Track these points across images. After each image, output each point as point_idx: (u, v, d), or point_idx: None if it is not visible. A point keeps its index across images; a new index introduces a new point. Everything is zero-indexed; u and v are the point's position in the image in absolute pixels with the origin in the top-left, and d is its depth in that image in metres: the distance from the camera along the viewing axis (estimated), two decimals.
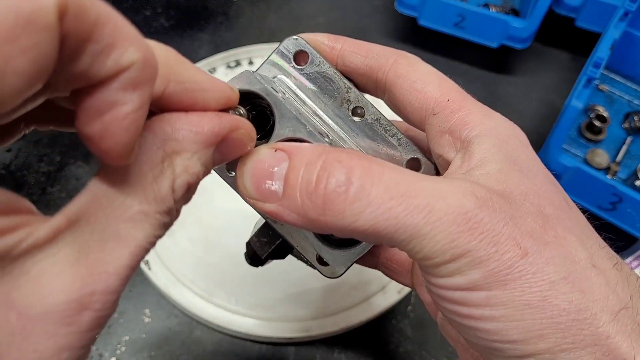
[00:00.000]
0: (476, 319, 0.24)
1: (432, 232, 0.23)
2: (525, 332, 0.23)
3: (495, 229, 0.23)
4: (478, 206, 0.23)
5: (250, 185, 0.26)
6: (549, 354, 0.23)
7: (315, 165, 0.24)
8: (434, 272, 0.24)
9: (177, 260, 0.58)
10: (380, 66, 0.31)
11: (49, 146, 0.67)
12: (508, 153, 0.27)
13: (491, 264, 0.23)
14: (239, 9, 0.84)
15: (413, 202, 0.23)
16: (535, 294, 0.23)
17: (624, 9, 0.66)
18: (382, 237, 0.24)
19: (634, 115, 0.70)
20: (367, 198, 0.23)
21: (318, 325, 0.55)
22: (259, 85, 0.28)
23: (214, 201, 0.62)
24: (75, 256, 0.19)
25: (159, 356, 0.54)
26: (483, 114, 0.29)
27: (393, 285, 0.57)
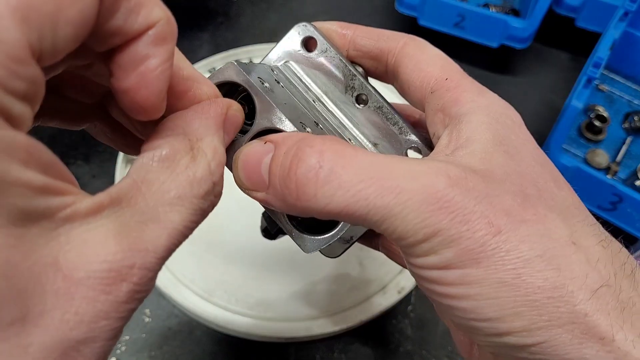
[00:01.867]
0: (452, 297, 0.24)
1: (403, 212, 0.23)
2: (500, 310, 0.23)
3: (467, 207, 0.23)
4: (449, 185, 0.23)
5: (242, 176, 0.28)
6: (525, 332, 0.23)
7: (290, 152, 0.25)
8: (410, 251, 0.25)
9: (177, 260, 0.58)
10: (390, 49, 0.31)
11: (49, 146, 0.66)
12: (497, 132, 0.27)
13: (463, 242, 0.23)
14: (239, 8, 0.84)
15: (384, 183, 0.23)
16: (509, 272, 0.23)
17: (624, 9, 0.66)
18: (357, 219, 0.24)
19: (634, 115, 0.70)
20: (338, 181, 0.24)
21: (318, 325, 0.55)
22: (242, 76, 0.28)
23: None
24: (116, 231, 0.20)
25: (159, 356, 0.54)
26: (477, 92, 0.29)
27: (393, 285, 0.57)
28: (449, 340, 0.56)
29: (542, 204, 0.25)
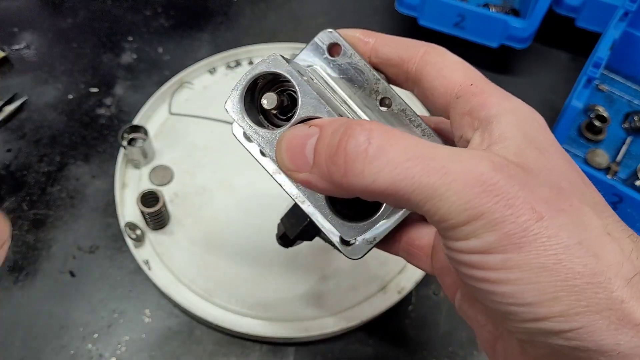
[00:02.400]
0: (492, 282, 0.24)
1: (447, 193, 0.24)
2: (540, 294, 0.23)
3: (510, 192, 0.24)
4: (494, 169, 0.24)
5: (285, 157, 0.28)
6: (563, 317, 0.23)
7: (339, 131, 0.26)
8: (451, 235, 0.25)
9: (177, 260, 0.58)
10: (411, 57, 0.32)
11: (49, 146, 0.67)
12: (526, 132, 0.28)
13: (506, 226, 0.23)
14: (239, 9, 0.84)
15: (430, 163, 0.24)
16: (550, 257, 0.23)
17: (624, 9, 0.66)
18: (401, 198, 0.25)
19: (634, 115, 0.70)
20: (386, 157, 0.24)
21: (318, 325, 0.55)
22: (284, 67, 0.29)
23: (214, 201, 0.62)
24: None
25: (159, 356, 0.54)
26: (503, 97, 0.30)
27: (393, 285, 0.57)
28: (449, 341, 0.56)
29: (575, 196, 0.26)
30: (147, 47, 0.77)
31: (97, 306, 0.56)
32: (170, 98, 0.69)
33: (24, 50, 0.75)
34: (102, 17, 0.80)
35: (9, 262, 0.58)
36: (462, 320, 0.59)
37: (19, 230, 0.60)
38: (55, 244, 0.60)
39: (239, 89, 0.30)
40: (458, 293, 0.35)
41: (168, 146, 0.65)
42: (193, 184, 0.63)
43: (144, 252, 0.58)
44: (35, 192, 0.63)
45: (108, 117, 0.70)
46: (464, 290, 0.34)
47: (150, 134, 0.62)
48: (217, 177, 0.63)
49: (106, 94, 0.72)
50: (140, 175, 0.63)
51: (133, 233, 0.57)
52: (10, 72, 0.73)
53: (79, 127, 0.68)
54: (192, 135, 0.66)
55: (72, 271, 0.58)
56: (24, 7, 0.80)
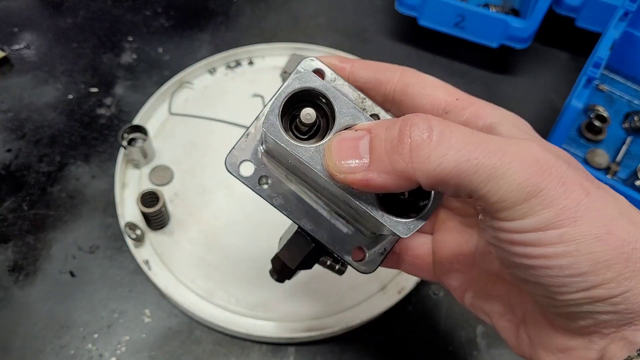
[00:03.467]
0: (549, 257, 0.26)
1: (508, 172, 0.25)
2: (594, 263, 0.25)
3: (561, 170, 0.26)
4: (544, 150, 0.26)
5: (338, 162, 0.29)
6: (614, 283, 0.26)
7: (395, 126, 0.28)
8: (506, 215, 0.27)
9: (177, 260, 0.58)
10: (388, 79, 0.34)
11: (49, 146, 0.67)
12: (527, 133, 0.31)
13: (562, 202, 0.25)
14: (239, 9, 0.84)
15: (488, 146, 0.26)
16: (602, 228, 0.25)
17: (624, 9, 0.66)
18: (463, 180, 0.26)
19: (634, 115, 0.70)
20: (449, 142, 0.26)
21: (318, 325, 0.55)
22: (318, 82, 0.31)
23: (214, 201, 0.62)
24: None
25: (159, 356, 0.54)
26: (491, 107, 0.32)
27: (393, 285, 0.57)
28: (449, 340, 0.56)
29: (594, 180, 0.28)
30: (147, 47, 0.77)
31: (97, 306, 0.56)
32: (170, 98, 0.69)
33: (24, 50, 0.75)
34: (102, 17, 0.80)
35: (9, 262, 0.58)
36: (461, 321, 0.59)
37: (19, 230, 0.60)
38: (55, 244, 0.60)
39: (277, 107, 0.31)
40: (469, 292, 0.37)
41: (168, 146, 0.65)
42: (193, 184, 0.63)
43: (144, 252, 0.58)
44: (35, 192, 0.63)
45: (108, 117, 0.70)
46: (476, 288, 0.36)
47: (150, 134, 0.62)
48: (217, 177, 0.63)
49: (106, 94, 0.72)
50: (140, 175, 0.63)
51: (133, 233, 0.57)
52: (10, 72, 0.73)
53: (79, 127, 0.68)
54: (192, 135, 0.66)
55: (72, 271, 0.58)
56: (24, 7, 0.80)
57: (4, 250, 0.59)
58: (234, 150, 0.35)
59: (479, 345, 0.56)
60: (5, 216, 0.61)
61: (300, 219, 0.35)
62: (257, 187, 0.35)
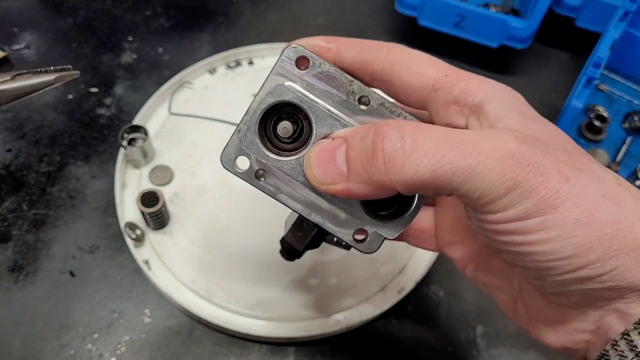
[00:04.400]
0: (532, 244, 0.26)
1: (485, 170, 0.26)
2: (578, 246, 0.26)
3: (538, 160, 0.26)
4: (519, 143, 0.26)
5: (318, 173, 0.30)
6: (599, 263, 0.26)
7: (368, 135, 0.28)
8: (489, 209, 0.27)
9: (177, 260, 0.58)
10: (375, 58, 0.34)
11: (49, 146, 0.67)
12: (516, 109, 0.31)
13: (541, 191, 0.26)
14: (239, 9, 0.84)
15: (463, 147, 0.26)
16: (582, 212, 0.26)
17: (624, 9, 0.66)
18: (441, 184, 0.26)
19: (634, 115, 0.70)
20: (422, 149, 0.26)
21: (318, 325, 0.55)
22: (292, 94, 0.31)
23: (215, 201, 0.62)
24: None
25: (159, 356, 0.54)
26: (481, 81, 0.32)
27: (393, 285, 0.57)
28: (449, 340, 0.56)
29: (582, 157, 0.29)
30: (147, 47, 0.77)
31: (97, 306, 0.56)
32: (170, 98, 0.69)
33: (24, 50, 0.75)
34: (102, 17, 0.80)
35: (9, 262, 0.58)
36: (461, 321, 0.59)
37: (18, 230, 0.60)
38: (55, 244, 0.60)
39: (253, 125, 0.31)
40: (470, 264, 0.37)
41: (168, 146, 0.65)
42: (193, 184, 0.63)
43: (144, 252, 0.58)
44: (35, 192, 0.63)
45: (108, 117, 0.70)
46: (477, 261, 0.36)
47: (150, 134, 0.62)
48: (217, 177, 0.63)
49: (106, 94, 0.72)
50: (140, 175, 0.63)
51: (133, 233, 0.57)
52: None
53: (79, 127, 0.68)
54: (192, 135, 0.66)
55: (72, 271, 0.58)
56: (24, 7, 0.80)
57: (4, 250, 0.59)
58: (227, 147, 0.35)
59: (479, 345, 0.56)
60: (5, 216, 0.61)
61: (299, 207, 0.35)
62: (254, 180, 0.35)
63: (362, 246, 0.35)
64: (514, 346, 0.56)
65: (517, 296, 0.34)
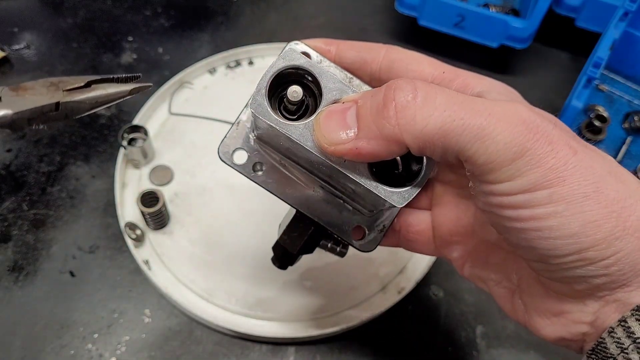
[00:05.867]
0: (538, 218, 0.26)
1: (495, 132, 0.25)
2: (585, 223, 0.25)
3: (547, 130, 0.26)
4: (530, 111, 0.26)
5: (326, 133, 0.29)
6: (605, 244, 0.25)
7: (380, 92, 0.28)
8: (495, 177, 0.27)
9: (177, 260, 0.58)
10: (373, 58, 0.34)
11: (49, 146, 0.67)
12: (514, 100, 0.31)
13: (549, 161, 0.25)
14: (239, 9, 0.84)
15: (474, 106, 0.26)
16: (590, 186, 0.25)
17: (624, 9, 0.66)
18: (449, 141, 0.26)
19: (634, 115, 0.70)
20: (434, 103, 0.26)
21: (318, 325, 0.55)
22: (303, 60, 0.31)
23: (214, 201, 0.62)
24: None
25: (159, 356, 0.54)
26: (479, 77, 0.33)
27: (393, 285, 0.57)
28: (449, 341, 0.56)
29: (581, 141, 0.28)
30: (147, 47, 0.77)
31: (97, 306, 0.56)
32: (170, 98, 0.69)
33: (24, 50, 0.75)
34: (102, 17, 0.80)
35: (9, 262, 0.58)
36: (461, 321, 0.59)
37: (18, 230, 0.60)
38: (55, 244, 0.60)
39: (263, 87, 0.31)
40: (468, 262, 0.37)
41: (168, 146, 0.65)
42: (193, 184, 0.63)
43: (144, 252, 0.58)
44: (35, 192, 0.63)
45: (108, 117, 0.70)
46: (475, 257, 0.36)
47: (150, 134, 0.62)
48: (217, 177, 0.63)
49: None
50: (140, 175, 0.63)
51: (133, 233, 0.57)
52: (10, 72, 0.73)
53: (79, 127, 0.68)
54: (192, 135, 0.66)
55: (72, 271, 0.58)
56: (24, 7, 0.80)
57: (4, 250, 0.59)
58: (225, 139, 0.35)
59: (479, 345, 0.56)
60: (5, 216, 0.61)
61: (296, 203, 0.35)
62: (251, 174, 0.35)
63: (359, 244, 0.35)
64: (513, 347, 0.56)
65: (514, 289, 0.34)
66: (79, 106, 0.29)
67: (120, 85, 0.31)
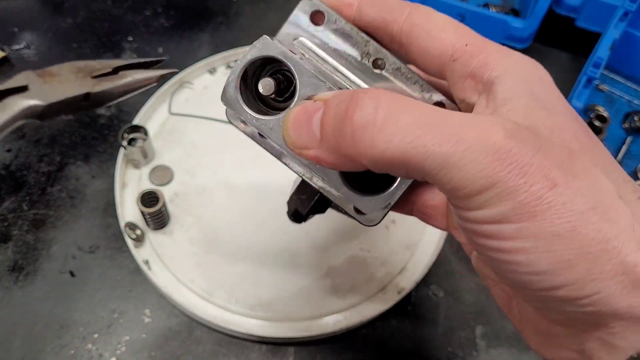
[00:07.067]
0: (506, 251, 0.24)
1: (461, 162, 0.23)
2: (555, 262, 0.23)
3: (524, 159, 0.23)
4: (506, 136, 0.23)
5: (293, 135, 0.27)
6: (578, 285, 0.23)
7: (344, 102, 0.25)
8: (464, 204, 0.24)
9: (177, 260, 0.58)
10: (395, 19, 0.31)
11: (49, 146, 0.67)
12: (531, 91, 0.27)
13: (520, 195, 0.23)
14: (239, 9, 0.84)
15: (442, 130, 0.23)
16: (564, 225, 0.23)
17: (624, 9, 0.66)
18: (413, 167, 0.24)
19: (634, 115, 0.70)
20: (395, 126, 0.24)
21: (318, 325, 0.55)
22: (277, 49, 0.28)
23: (214, 201, 0.62)
24: None
25: (159, 356, 0.54)
26: (503, 54, 0.29)
27: (393, 285, 0.57)
28: (448, 341, 0.56)
29: (586, 157, 0.25)
30: (147, 47, 0.77)
31: (97, 306, 0.56)
32: (170, 98, 0.69)
33: (24, 50, 0.75)
34: (102, 17, 0.80)
35: (9, 262, 0.58)
36: (461, 321, 0.59)
37: (19, 230, 0.60)
38: (55, 244, 0.60)
39: (233, 79, 0.29)
40: (473, 252, 0.34)
41: (168, 146, 0.65)
42: (193, 184, 0.63)
43: (144, 252, 0.58)
44: (35, 192, 0.63)
45: (108, 117, 0.70)
46: None
47: (150, 134, 0.62)
48: (217, 177, 0.63)
49: None
50: (140, 175, 0.63)
51: (133, 233, 0.57)
52: (10, 72, 0.73)
53: (79, 127, 0.68)
54: (192, 135, 0.66)
55: (72, 271, 0.58)
56: (24, 7, 0.80)
57: (4, 250, 0.59)
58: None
59: (479, 345, 0.56)
60: (5, 216, 0.61)
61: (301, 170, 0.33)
62: (257, 138, 0.33)
63: (362, 218, 0.33)
64: (513, 347, 0.56)
65: (512, 295, 0.32)
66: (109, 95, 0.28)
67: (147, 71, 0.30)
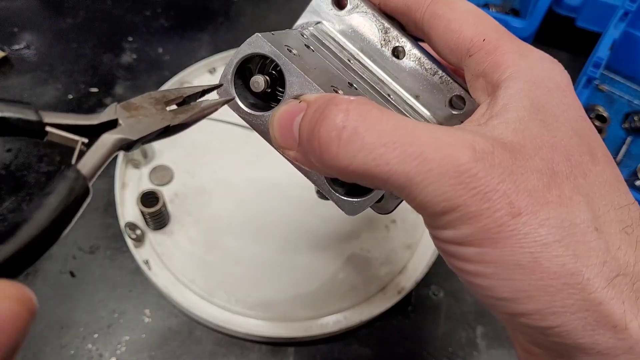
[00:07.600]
0: (469, 273, 0.24)
1: (423, 182, 0.22)
2: (515, 291, 0.23)
3: (490, 185, 0.22)
4: (474, 160, 0.22)
5: (277, 134, 0.28)
6: (538, 315, 0.23)
7: (320, 110, 0.25)
8: (429, 222, 0.24)
9: (177, 260, 0.58)
10: (418, 6, 0.30)
11: (49, 146, 0.67)
12: (535, 99, 0.26)
13: (482, 220, 0.22)
14: (239, 9, 0.84)
15: (407, 149, 0.23)
16: (526, 255, 0.22)
17: (624, 9, 0.66)
18: (378, 183, 0.24)
19: (634, 115, 0.70)
20: (360, 142, 0.23)
21: (318, 325, 0.55)
22: (267, 48, 0.29)
23: (214, 201, 0.62)
24: None
25: (159, 356, 0.54)
26: (519, 54, 0.28)
27: (393, 285, 0.57)
28: (449, 341, 0.56)
29: (569, 183, 0.24)
30: (147, 47, 0.77)
31: (97, 306, 0.56)
32: None
33: (24, 50, 0.75)
34: (102, 17, 0.80)
35: None
36: (461, 321, 0.59)
37: None
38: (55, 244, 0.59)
39: (229, 74, 0.30)
40: None
41: (168, 146, 0.65)
42: (193, 184, 0.63)
43: (144, 252, 0.58)
44: (35, 192, 0.63)
45: None
46: None
47: None
48: (217, 177, 0.63)
49: (106, 94, 0.72)
50: (140, 175, 0.63)
51: (133, 233, 0.57)
52: (10, 72, 0.73)
53: None
54: (192, 135, 0.66)
55: (72, 271, 0.58)
56: (24, 7, 0.80)
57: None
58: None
59: (479, 345, 0.56)
60: (5, 216, 0.61)
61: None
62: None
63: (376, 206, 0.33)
64: (513, 347, 0.56)
65: None
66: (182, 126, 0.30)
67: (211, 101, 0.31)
